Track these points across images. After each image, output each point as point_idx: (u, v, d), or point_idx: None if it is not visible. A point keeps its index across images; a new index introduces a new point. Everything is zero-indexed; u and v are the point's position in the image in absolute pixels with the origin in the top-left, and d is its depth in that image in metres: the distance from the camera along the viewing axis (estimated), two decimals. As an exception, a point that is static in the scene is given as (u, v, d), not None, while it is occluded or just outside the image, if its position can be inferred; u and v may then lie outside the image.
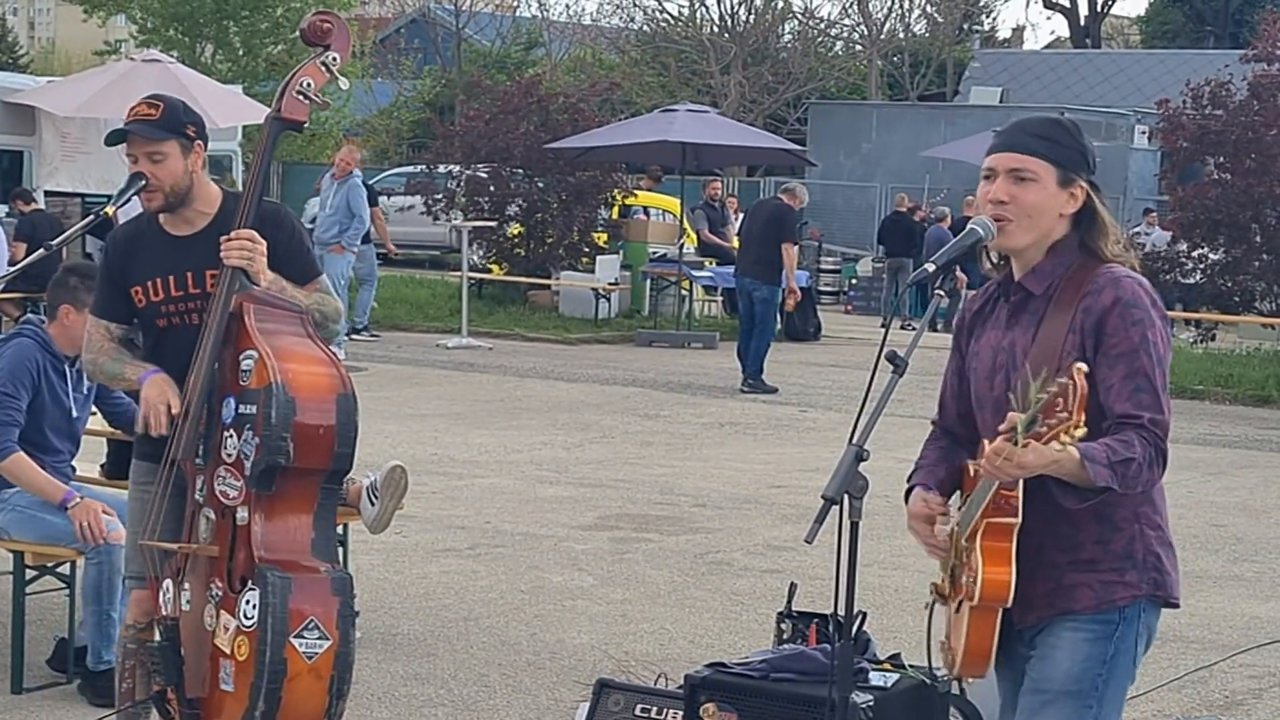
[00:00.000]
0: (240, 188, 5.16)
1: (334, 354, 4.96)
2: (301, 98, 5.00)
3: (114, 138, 4.96)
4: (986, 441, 3.60)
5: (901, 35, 44.27)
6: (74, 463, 6.56)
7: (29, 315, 6.64)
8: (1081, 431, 3.22)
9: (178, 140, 4.92)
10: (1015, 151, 3.62)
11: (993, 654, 3.61)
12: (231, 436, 4.74)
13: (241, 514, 4.72)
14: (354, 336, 18.24)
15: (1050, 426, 3.20)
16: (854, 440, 3.52)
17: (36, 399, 6.25)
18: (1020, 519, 3.51)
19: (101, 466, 7.13)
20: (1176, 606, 3.73)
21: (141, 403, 4.88)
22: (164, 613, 4.89)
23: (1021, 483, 3.47)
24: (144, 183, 4.99)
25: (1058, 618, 3.63)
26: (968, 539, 3.57)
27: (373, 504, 6.35)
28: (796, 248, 16.54)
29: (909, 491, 3.82)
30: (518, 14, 48.97)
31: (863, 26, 43.81)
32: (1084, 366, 3.20)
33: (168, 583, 4.90)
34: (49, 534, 6.24)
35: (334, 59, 5.02)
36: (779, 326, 17.77)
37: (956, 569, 3.65)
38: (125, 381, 5.04)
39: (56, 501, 6.13)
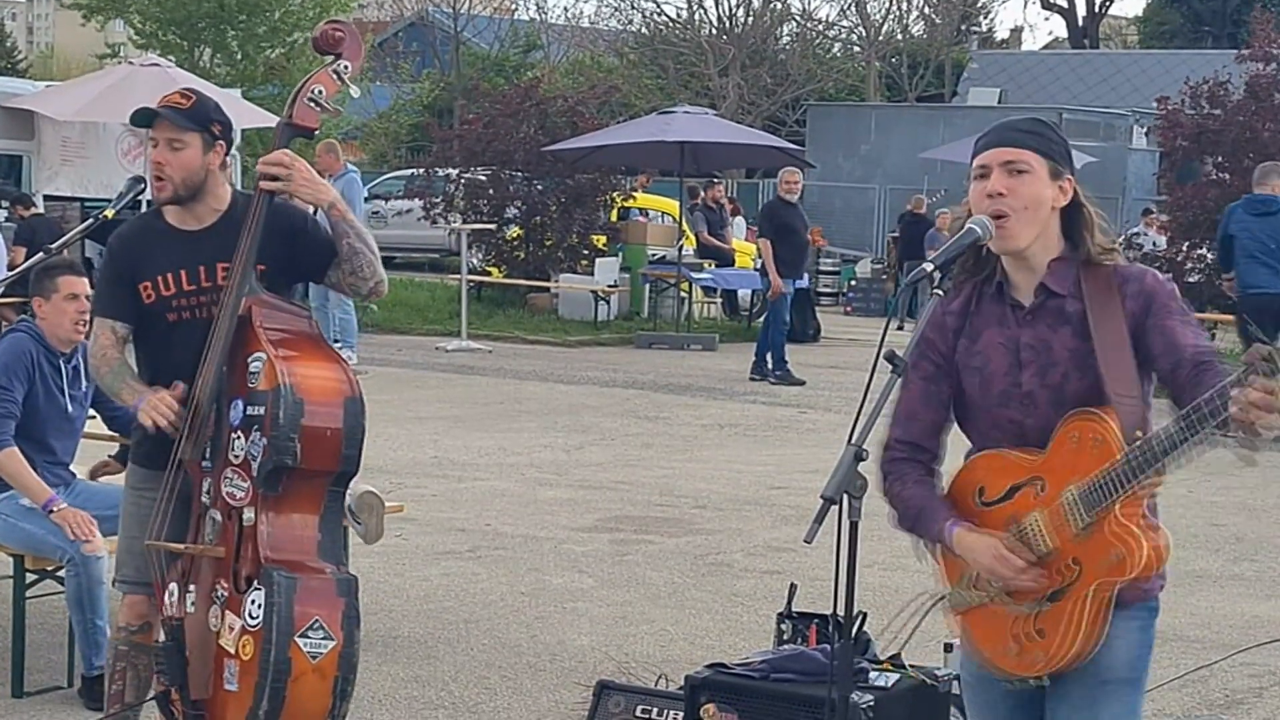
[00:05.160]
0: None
1: (340, 356, 4.98)
2: (313, 105, 5.03)
3: (141, 117, 4.97)
4: (1007, 442, 3.62)
5: (899, 37, 44.29)
6: (72, 466, 6.57)
7: (24, 317, 6.67)
8: None
9: (201, 134, 4.95)
10: (1007, 146, 3.66)
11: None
12: (239, 438, 4.76)
13: (248, 515, 4.74)
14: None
15: None
16: (853, 440, 3.53)
17: (31, 392, 6.27)
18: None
19: (110, 457, 7.11)
20: None
21: (141, 414, 4.88)
22: (168, 614, 4.91)
23: None
24: (143, 187, 5.00)
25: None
26: (1095, 520, 3.50)
27: (359, 524, 6.40)
28: (769, 242, 16.77)
29: (935, 530, 3.72)
30: (516, 17, 49.01)
31: (861, 28, 43.86)
32: None
33: (173, 585, 4.92)
34: (29, 543, 6.26)
35: (345, 67, 5.06)
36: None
37: (1054, 556, 3.57)
38: (120, 399, 5.06)
39: (40, 504, 6.15)
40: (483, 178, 22.72)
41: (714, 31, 41.88)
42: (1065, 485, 3.56)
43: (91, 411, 6.58)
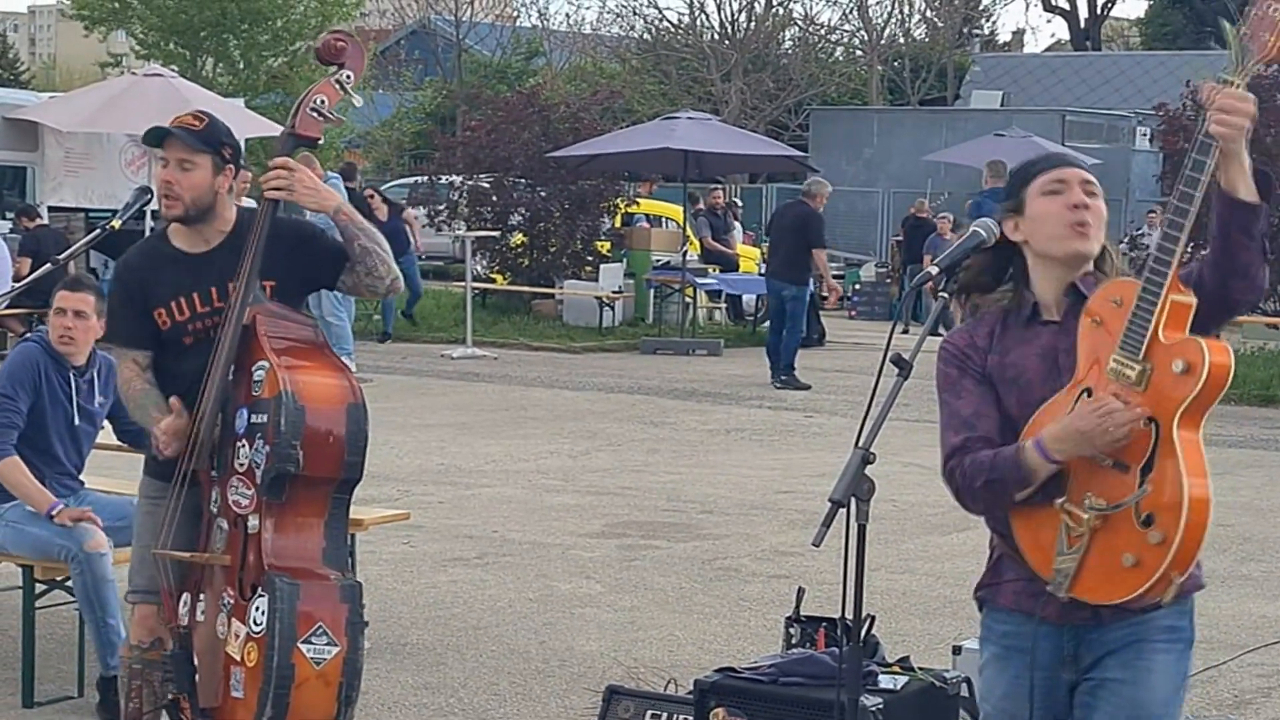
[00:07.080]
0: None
1: (344, 364, 5.00)
2: (316, 115, 5.07)
3: (154, 136, 4.99)
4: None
5: (902, 40, 44.28)
6: (81, 477, 6.59)
7: (36, 329, 6.70)
8: None
9: (212, 156, 4.96)
10: (1079, 169, 3.76)
11: None
12: (244, 446, 4.78)
13: (253, 522, 4.75)
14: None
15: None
16: (860, 444, 3.53)
17: (37, 403, 6.29)
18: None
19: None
20: None
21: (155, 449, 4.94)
22: (180, 623, 4.93)
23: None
24: (149, 197, 5.01)
25: (1141, 642, 3.63)
26: (1145, 361, 3.46)
27: None
28: (824, 250, 16.91)
29: (1015, 454, 3.59)
30: (518, 24, 49.02)
31: (863, 32, 43.81)
32: None
33: (185, 596, 4.94)
34: (36, 546, 6.28)
35: (348, 77, 5.10)
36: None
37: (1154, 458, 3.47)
38: (147, 425, 5.10)
39: (43, 511, 6.17)
40: (486, 184, 22.73)
41: (716, 37, 41.87)
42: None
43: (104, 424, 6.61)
